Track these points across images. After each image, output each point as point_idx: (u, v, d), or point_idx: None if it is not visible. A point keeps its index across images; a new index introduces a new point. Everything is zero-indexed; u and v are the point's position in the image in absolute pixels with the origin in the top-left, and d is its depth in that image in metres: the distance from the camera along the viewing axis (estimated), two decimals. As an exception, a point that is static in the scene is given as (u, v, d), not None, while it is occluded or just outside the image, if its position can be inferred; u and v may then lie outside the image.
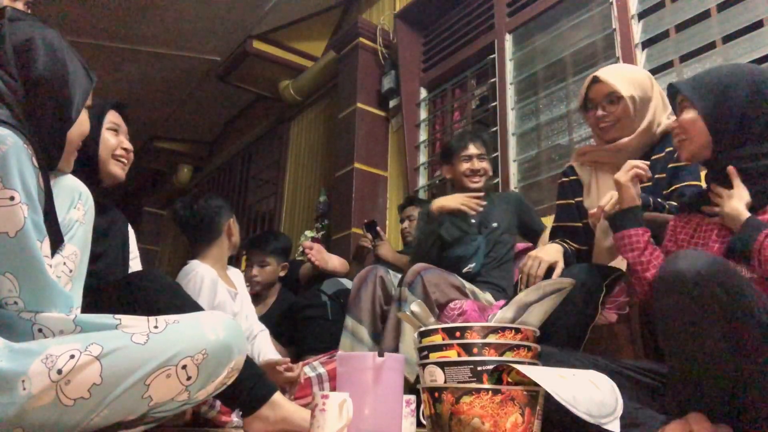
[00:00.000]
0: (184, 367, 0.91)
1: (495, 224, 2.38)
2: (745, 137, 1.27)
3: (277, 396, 1.41)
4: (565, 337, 1.50)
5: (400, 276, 2.18)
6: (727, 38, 2.25)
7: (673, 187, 1.61)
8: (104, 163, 1.45)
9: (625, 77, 1.67)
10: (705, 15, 2.34)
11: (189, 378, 0.92)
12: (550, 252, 1.64)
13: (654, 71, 2.47)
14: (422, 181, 3.55)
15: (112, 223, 1.52)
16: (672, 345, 1.12)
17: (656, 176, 1.63)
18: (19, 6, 1.53)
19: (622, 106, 1.66)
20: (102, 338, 0.89)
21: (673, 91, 1.41)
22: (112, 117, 1.49)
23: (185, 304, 1.33)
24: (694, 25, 2.36)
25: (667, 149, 1.65)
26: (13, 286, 0.88)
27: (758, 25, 2.17)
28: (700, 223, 1.37)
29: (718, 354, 1.05)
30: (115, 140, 1.48)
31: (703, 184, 1.59)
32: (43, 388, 0.83)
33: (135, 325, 0.95)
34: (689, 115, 1.33)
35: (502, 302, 2.04)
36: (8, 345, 0.86)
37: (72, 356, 0.85)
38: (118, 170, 1.49)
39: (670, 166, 1.63)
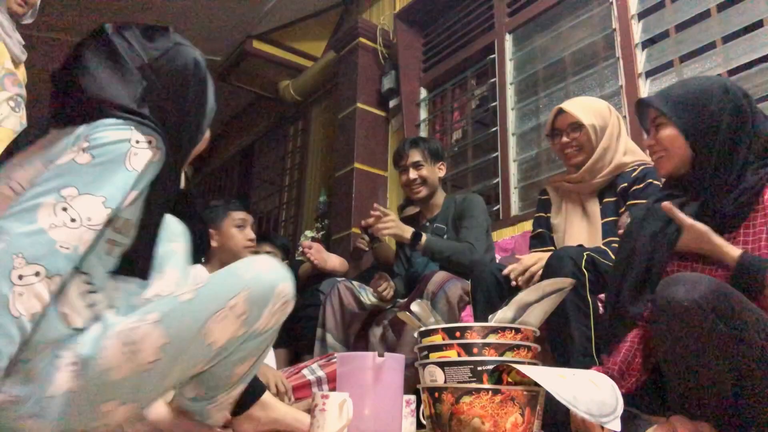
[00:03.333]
0: (232, 307, 1.00)
1: (446, 236, 2.36)
2: (731, 150, 1.22)
3: (267, 396, 1.40)
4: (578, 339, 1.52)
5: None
6: (727, 38, 2.24)
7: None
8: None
9: (586, 107, 1.88)
10: (705, 15, 2.33)
11: (242, 314, 1.01)
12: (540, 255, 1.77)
13: (654, 71, 2.47)
14: (422, 181, 3.54)
15: None
16: (671, 366, 1.10)
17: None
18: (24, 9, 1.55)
19: (585, 134, 1.84)
20: (154, 307, 0.99)
21: (643, 107, 1.37)
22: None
23: None
24: (694, 25, 2.36)
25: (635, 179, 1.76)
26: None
27: (758, 25, 2.16)
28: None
29: (719, 379, 1.03)
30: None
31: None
32: (120, 361, 0.92)
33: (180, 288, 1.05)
34: (667, 131, 1.29)
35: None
36: (72, 331, 0.93)
37: (137, 327, 0.95)
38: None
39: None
